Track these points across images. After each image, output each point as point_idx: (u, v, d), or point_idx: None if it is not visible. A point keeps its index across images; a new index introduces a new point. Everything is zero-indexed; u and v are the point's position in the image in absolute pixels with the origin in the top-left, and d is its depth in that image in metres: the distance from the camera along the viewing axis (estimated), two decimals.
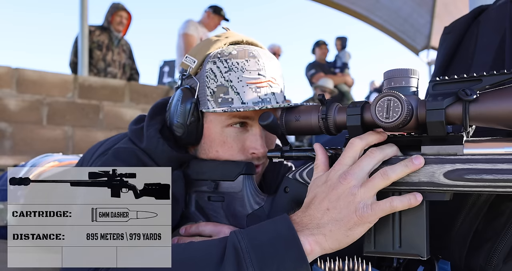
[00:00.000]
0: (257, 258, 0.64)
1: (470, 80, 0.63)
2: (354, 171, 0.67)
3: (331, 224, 0.67)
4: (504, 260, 0.71)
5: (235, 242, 0.66)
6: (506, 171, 0.60)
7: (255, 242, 0.66)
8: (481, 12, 0.96)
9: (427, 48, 7.47)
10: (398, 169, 0.66)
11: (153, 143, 0.91)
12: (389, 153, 0.69)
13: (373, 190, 0.66)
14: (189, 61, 0.93)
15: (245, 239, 0.66)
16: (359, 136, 0.70)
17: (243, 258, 0.64)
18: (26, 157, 1.66)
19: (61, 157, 1.31)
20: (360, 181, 0.67)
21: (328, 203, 0.67)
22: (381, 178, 0.66)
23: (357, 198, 0.66)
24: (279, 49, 5.51)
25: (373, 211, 0.65)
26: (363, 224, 0.66)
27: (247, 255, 0.64)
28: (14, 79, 3.74)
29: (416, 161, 0.65)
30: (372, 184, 0.66)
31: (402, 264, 0.87)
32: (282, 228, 0.67)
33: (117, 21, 4.41)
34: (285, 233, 0.66)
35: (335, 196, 0.67)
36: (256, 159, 0.91)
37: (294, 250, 0.65)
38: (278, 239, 0.66)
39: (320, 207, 0.68)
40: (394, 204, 0.65)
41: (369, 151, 0.69)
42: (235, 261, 0.64)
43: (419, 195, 0.66)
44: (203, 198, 0.92)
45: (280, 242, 0.65)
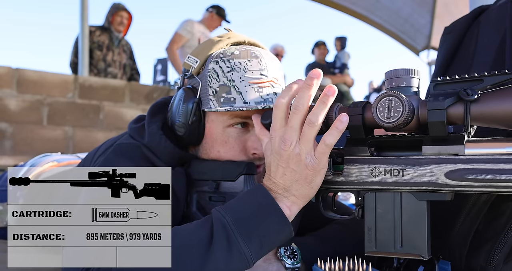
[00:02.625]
0: (244, 229, 0.69)
1: (471, 80, 0.63)
2: (287, 133, 0.70)
3: (294, 184, 0.71)
4: (505, 260, 0.71)
5: (221, 218, 0.70)
6: (508, 171, 0.60)
7: (239, 215, 0.70)
8: (481, 12, 0.96)
9: (428, 48, 7.47)
10: (317, 109, 0.69)
11: (155, 139, 0.91)
12: (307, 98, 0.70)
13: (310, 141, 0.69)
14: (191, 61, 0.93)
15: (229, 214, 0.70)
16: (281, 95, 0.73)
17: (232, 231, 0.68)
18: (27, 157, 1.66)
19: (60, 157, 1.31)
20: (296, 139, 0.70)
21: (282, 169, 0.72)
22: (309, 126, 0.69)
23: (302, 155, 0.70)
24: (282, 50, 5.48)
25: (318, 158, 0.70)
26: (319, 172, 0.71)
27: (234, 228, 0.69)
28: (14, 79, 3.74)
29: (329, 92, 0.69)
30: (306, 136, 0.69)
31: (402, 264, 0.87)
32: (260, 197, 0.72)
33: (117, 22, 4.41)
34: (264, 201, 0.71)
35: (284, 162, 0.71)
36: (257, 159, 0.92)
37: (276, 215, 0.70)
38: (259, 208, 0.71)
39: (277, 174, 0.72)
40: (327, 141, 0.68)
41: (292, 107, 0.71)
42: (225, 236, 0.68)
43: (344, 116, 0.68)
44: (204, 198, 0.92)
45: (261, 211, 0.70)
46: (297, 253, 0.86)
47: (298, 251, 0.87)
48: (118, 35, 4.45)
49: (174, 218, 0.81)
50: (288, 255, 0.86)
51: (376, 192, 0.71)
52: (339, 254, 0.80)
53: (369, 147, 0.72)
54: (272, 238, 0.71)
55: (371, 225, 0.72)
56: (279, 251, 0.86)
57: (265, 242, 0.70)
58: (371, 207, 0.72)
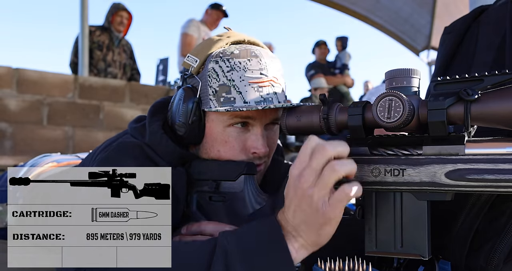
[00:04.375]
0: (245, 261, 0.65)
1: (471, 80, 0.63)
2: (306, 171, 0.65)
3: (302, 225, 0.67)
4: (505, 261, 0.71)
5: (224, 245, 0.67)
6: (508, 171, 0.60)
7: (244, 246, 0.67)
8: (481, 12, 0.96)
9: (428, 48, 7.47)
10: (346, 161, 0.65)
11: (156, 138, 0.91)
12: (340, 151, 0.66)
13: (327, 186, 0.64)
14: (191, 60, 0.93)
15: (234, 242, 0.67)
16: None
17: (231, 261, 0.65)
18: (27, 157, 1.66)
19: (60, 157, 1.31)
20: (313, 179, 0.65)
21: (294, 206, 0.67)
22: (330, 172, 0.64)
23: (314, 197, 0.64)
24: (270, 46, 5.49)
25: (331, 206, 0.64)
26: (330, 221, 0.65)
27: (236, 258, 0.65)
28: (14, 79, 3.74)
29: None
30: (323, 180, 0.64)
31: (402, 264, 0.87)
32: (270, 232, 0.68)
33: (117, 21, 4.41)
34: (272, 238, 0.67)
35: (297, 199, 0.66)
36: (257, 158, 0.92)
37: (281, 255, 0.66)
38: (267, 243, 0.67)
39: (290, 209, 0.68)
40: (347, 190, 0.63)
41: (320, 146, 0.66)
42: (223, 264, 0.65)
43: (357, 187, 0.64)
44: (204, 198, 0.92)
45: (268, 247, 0.67)
46: None
47: None
48: (118, 35, 4.45)
49: (174, 218, 0.81)
50: None
51: (376, 192, 0.71)
52: (339, 254, 0.80)
53: (369, 147, 0.72)
54: None
55: (371, 225, 0.72)
56: None
57: None
58: (371, 207, 0.72)
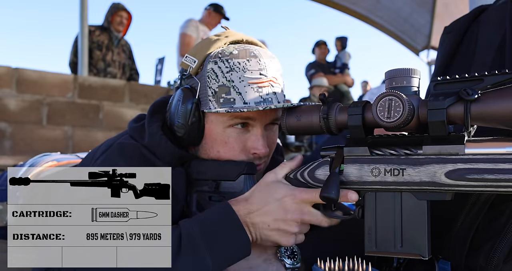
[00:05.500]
0: (209, 241, 0.74)
1: (471, 80, 0.63)
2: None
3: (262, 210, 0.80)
4: (504, 260, 0.71)
5: (188, 229, 0.75)
6: (508, 170, 0.60)
7: (207, 228, 0.76)
8: (481, 12, 0.96)
9: (427, 48, 7.46)
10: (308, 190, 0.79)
11: (155, 139, 0.90)
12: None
13: (303, 201, 0.79)
14: (189, 61, 0.92)
15: (197, 225, 0.76)
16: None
17: (198, 243, 0.74)
18: (26, 157, 1.66)
19: (59, 157, 1.31)
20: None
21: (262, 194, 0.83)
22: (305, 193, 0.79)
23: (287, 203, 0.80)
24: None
25: (294, 220, 0.81)
26: (284, 233, 0.80)
27: (200, 239, 0.74)
28: (14, 79, 3.74)
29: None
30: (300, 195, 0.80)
31: (402, 264, 0.87)
32: (224, 209, 0.79)
33: (117, 21, 4.40)
34: (227, 215, 0.79)
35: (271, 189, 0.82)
36: (257, 159, 0.91)
37: (236, 224, 0.78)
38: (222, 214, 0.79)
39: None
40: (312, 216, 0.80)
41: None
42: (191, 246, 0.73)
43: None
44: (204, 198, 0.92)
45: (223, 218, 0.78)
46: (297, 253, 0.86)
47: (298, 251, 0.87)
48: (117, 35, 4.45)
49: (174, 218, 0.81)
50: (288, 255, 0.86)
51: (376, 191, 0.71)
52: (339, 254, 0.80)
53: (369, 147, 0.72)
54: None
55: (371, 225, 0.72)
56: (279, 251, 0.86)
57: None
58: (371, 207, 0.72)
